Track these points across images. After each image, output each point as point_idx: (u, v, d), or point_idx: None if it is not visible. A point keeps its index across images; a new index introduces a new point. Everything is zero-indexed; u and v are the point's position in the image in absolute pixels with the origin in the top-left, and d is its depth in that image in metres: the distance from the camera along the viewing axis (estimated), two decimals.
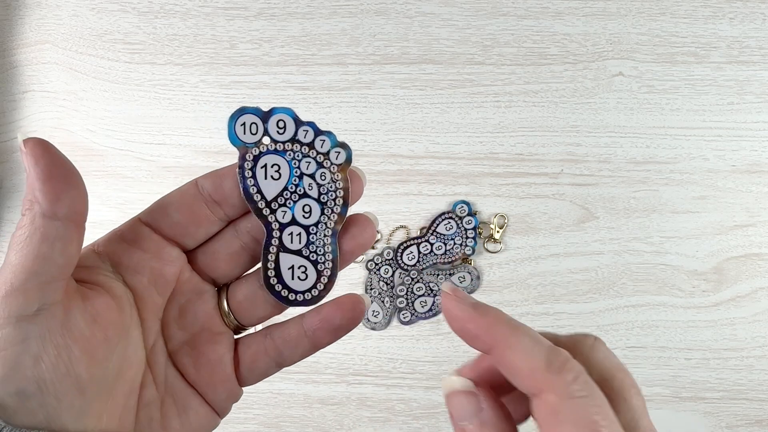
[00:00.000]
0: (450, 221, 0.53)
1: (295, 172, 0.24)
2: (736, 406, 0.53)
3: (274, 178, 0.24)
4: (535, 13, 0.55)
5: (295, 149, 0.24)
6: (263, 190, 0.24)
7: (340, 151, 0.24)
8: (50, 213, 0.21)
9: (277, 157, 0.24)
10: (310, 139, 0.24)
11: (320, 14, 0.55)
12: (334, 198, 0.24)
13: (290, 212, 0.24)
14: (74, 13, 0.57)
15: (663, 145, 0.54)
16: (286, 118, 0.24)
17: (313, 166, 0.24)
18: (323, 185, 0.24)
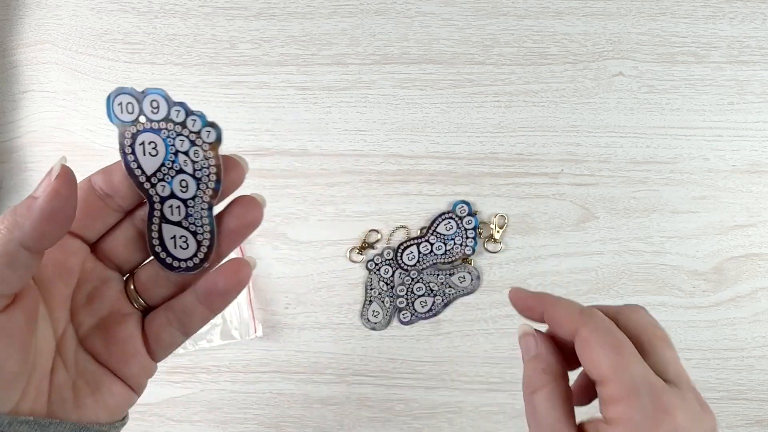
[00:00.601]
0: (450, 221, 0.53)
1: (171, 149, 0.26)
2: (736, 406, 0.53)
3: (151, 154, 0.26)
4: (535, 13, 0.55)
5: (170, 128, 0.25)
6: (143, 165, 0.26)
7: (210, 130, 0.25)
8: (28, 245, 0.22)
9: (153, 135, 0.25)
10: (182, 119, 0.25)
11: (320, 14, 0.55)
12: (207, 174, 0.26)
13: (169, 186, 0.26)
14: (74, 13, 0.57)
15: (663, 145, 0.54)
16: (158, 98, 0.25)
17: (186, 143, 0.25)
18: (197, 162, 0.26)
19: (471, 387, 0.54)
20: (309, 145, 0.55)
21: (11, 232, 0.22)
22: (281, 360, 0.55)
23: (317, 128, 0.55)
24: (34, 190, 0.23)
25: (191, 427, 0.55)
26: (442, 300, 0.49)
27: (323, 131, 0.55)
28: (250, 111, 0.55)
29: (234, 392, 0.55)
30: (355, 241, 0.55)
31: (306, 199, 0.55)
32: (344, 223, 0.55)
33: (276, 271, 0.55)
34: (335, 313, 0.55)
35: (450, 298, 0.53)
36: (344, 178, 0.55)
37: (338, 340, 0.55)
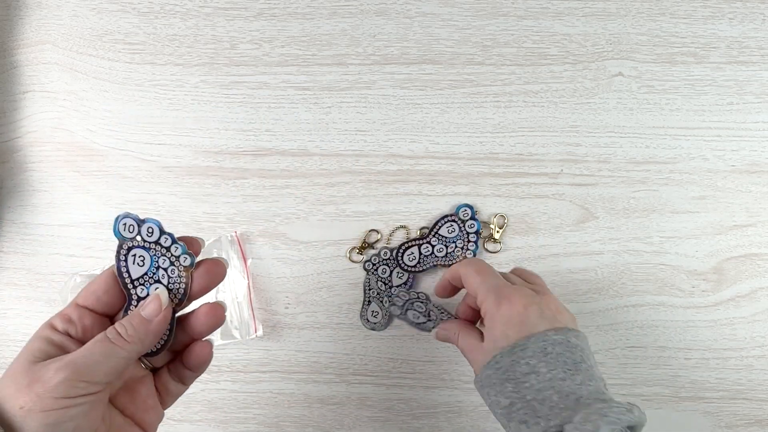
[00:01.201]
0: (452, 224, 0.53)
1: (155, 264, 0.33)
2: (736, 406, 0.53)
3: (139, 265, 0.33)
4: (535, 14, 0.55)
5: (157, 248, 0.33)
6: (131, 272, 0.34)
7: (187, 257, 0.33)
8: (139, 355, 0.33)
9: (143, 251, 0.33)
10: (168, 244, 0.33)
11: (320, 14, 0.55)
12: (178, 288, 0.33)
13: (147, 290, 0.34)
14: (74, 14, 0.57)
15: (663, 145, 0.54)
16: (154, 227, 0.33)
17: (167, 262, 0.33)
18: (172, 278, 0.33)
19: (471, 387, 0.54)
20: (309, 145, 0.55)
21: (133, 345, 0.31)
22: (281, 360, 0.55)
23: (317, 128, 0.55)
24: (143, 308, 0.32)
25: (192, 426, 0.56)
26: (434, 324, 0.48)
27: (323, 131, 0.55)
28: (251, 111, 0.55)
29: (234, 392, 0.55)
30: (355, 241, 0.55)
31: (306, 199, 0.55)
32: (344, 223, 0.55)
33: (276, 271, 0.55)
34: (335, 313, 0.55)
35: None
36: (344, 178, 0.55)
37: (338, 340, 0.55)
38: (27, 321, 0.57)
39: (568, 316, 0.40)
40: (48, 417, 0.28)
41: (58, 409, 0.28)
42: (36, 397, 0.28)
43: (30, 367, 0.29)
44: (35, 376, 0.29)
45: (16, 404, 0.28)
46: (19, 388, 0.28)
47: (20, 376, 0.29)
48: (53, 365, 0.29)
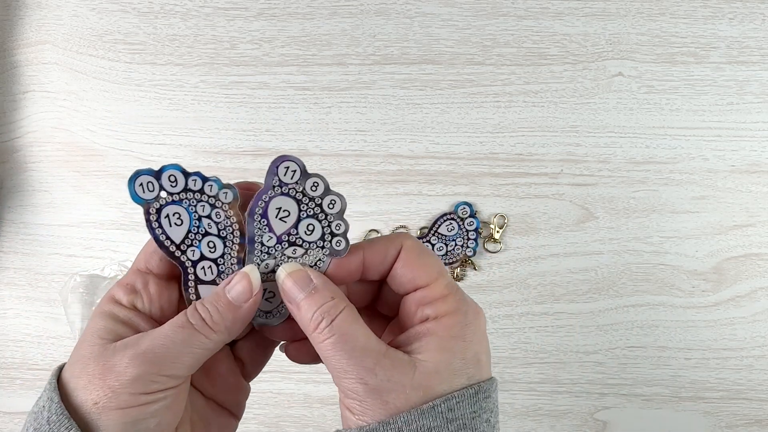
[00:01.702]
0: (452, 222, 0.53)
1: (194, 216, 0.28)
2: (736, 406, 0.53)
3: (177, 224, 0.28)
4: (535, 14, 0.55)
5: (189, 197, 0.28)
6: (171, 236, 0.28)
7: (227, 191, 0.28)
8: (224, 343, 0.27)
9: (175, 207, 0.28)
10: (199, 187, 0.28)
11: (320, 14, 0.55)
12: (231, 231, 0.28)
13: (198, 250, 0.28)
14: (74, 14, 0.57)
15: (663, 145, 0.54)
16: (175, 173, 0.28)
17: (207, 208, 0.28)
18: (220, 222, 0.28)
19: None
20: (309, 145, 0.55)
21: (220, 334, 0.26)
22: (281, 360, 0.55)
23: (317, 128, 0.55)
24: (230, 289, 0.27)
25: None
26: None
27: (323, 131, 0.55)
28: (251, 111, 0.55)
29: None
30: (355, 241, 0.55)
31: None
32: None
33: None
34: None
35: None
36: (344, 178, 0.55)
37: None
38: (27, 321, 0.57)
39: None
40: (126, 415, 0.24)
41: (136, 406, 0.24)
42: (111, 392, 0.24)
43: (101, 353, 0.25)
44: (108, 364, 0.24)
45: (89, 398, 0.24)
46: (91, 380, 0.24)
47: (91, 363, 0.25)
48: (127, 353, 0.24)
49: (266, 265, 0.28)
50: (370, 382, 0.24)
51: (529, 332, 0.54)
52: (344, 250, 0.28)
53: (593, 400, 0.54)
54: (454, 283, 0.28)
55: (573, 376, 0.54)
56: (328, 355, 0.25)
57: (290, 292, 0.26)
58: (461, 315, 0.26)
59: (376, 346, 0.25)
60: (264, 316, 0.29)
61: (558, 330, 0.54)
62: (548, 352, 0.54)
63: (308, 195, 0.28)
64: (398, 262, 0.28)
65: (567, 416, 0.54)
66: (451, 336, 0.25)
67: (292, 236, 0.28)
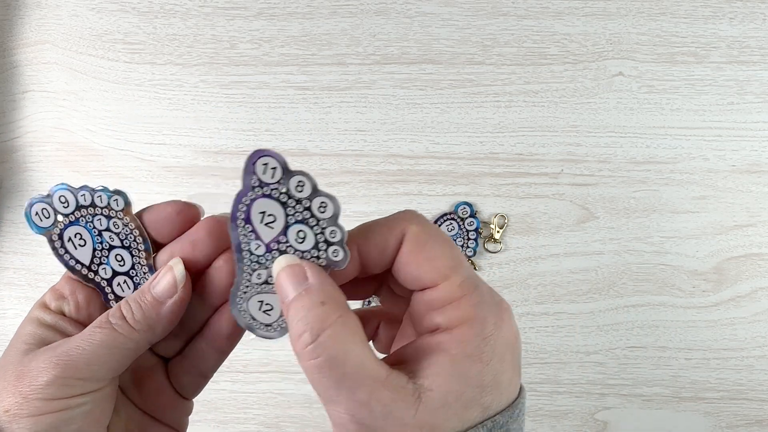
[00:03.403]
0: (452, 222, 0.53)
1: (94, 233, 0.27)
2: (736, 406, 0.53)
3: (81, 245, 0.27)
4: (535, 13, 0.55)
5: (84, 214, 0.26)
6: (79, 258, 0.27)
7: (117, 198, 0.26)
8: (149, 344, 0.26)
9: (74, 228, 0.27)
10: (89, 201, 0.26)
11: (320, 14, 0.55)
12: (134, 239, 0.27)
13: (108, 267, 0.27)
14: (74, 13, 0.57)
15: (663, 145, 0.54)
16: (63, 193, 0.26)
17: (104, 221, 0.27)
18: (120, 232, 0.27)
19: None
20: (309, 145, 0.55)
21: (142, 333, 0.25)
22: (281, 360, 0.55)
23: (317, 128, 0.55)
24: (155, 285, 0.25)
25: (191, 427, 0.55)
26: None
27: (323, 131, 0.55)
28: (250, 111, 0.55)
29: (234, 392, 0.55)
30: None
31: None
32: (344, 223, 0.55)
33: None
34: None
35: None
36: (344, 178, 0.55)
37: None
38: None
39: None
40: (39, 422, 0.23)
41: (50, 412, 0.23)
42: (22, 398, 0.23)
43: (20, 359, 0.24)
44: (23, 370, 0.23)
45: (1, 406, 0.23)
46: (5, 386, 0.23)
47: (9, 369, 0.24)
48: (42, 357, 0.23)
49: (258, 276, 0.25)
50: (364, 418, 0.20)
51: (530, 332, 0.54)
52: (344, 261, 0.24)
53: (593, 401, 0.54)
54: (471, 278, 0.22)
55: (573, 377, 0.54)
56: (313, 379, 0.21)
57: (281, 290, 0.22)
58: (478, 325, 0.21)
59: (373, 372, 0.20)
60: (264, 328, 0.28)
61: (558, 330, 0.54)
62: (548, 352, 0.54)
63: (294, 197, 0.24)
64: (400, 254, 0.23)
65: (567, 416, 0.54)
66: (466, 355, 0.20)
67: (281, 244, 0.24)
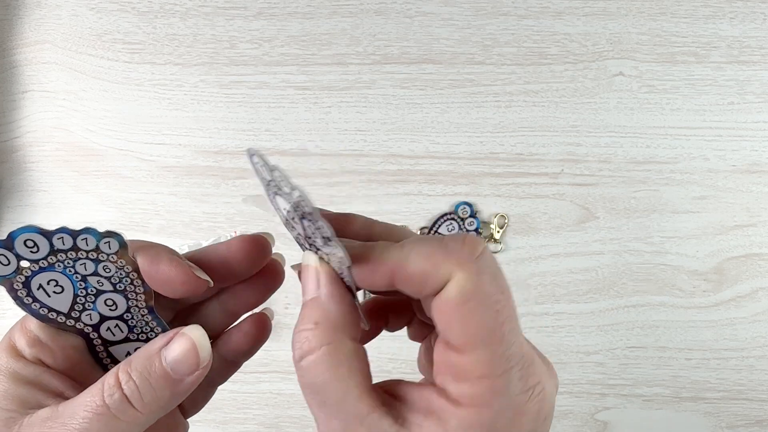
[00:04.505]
0: (452, 222, 0.53)
1: (76, 278, 0.23)
2: (737, 407, 0.53)
3: (57, 292, 0.23)
4: (535, 13, 0.54)
5: (62, 258, 0.22)
6: (54, 306, 0.23)
7: (108, 241, 0.22)
8: None
9: (47, 274, 0.22)
10: (70, 244, 0.22)
11: (320, 14, 0.55)
12: (130, 282, 0.23)
13: (95, 312, 0.23)
14: (74, 13, 0.57)
15: (663, 145, 0.54)
16: (32, 236, 0.21)
17: (90, 265, 0.22)
18: (112, 276, 0.23)
19: None
20: (309, 145, 0.55)
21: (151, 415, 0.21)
22: (281, 360, 0.55)
23: (317, 128, 0.55)
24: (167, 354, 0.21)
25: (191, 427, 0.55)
26: None
27: (323, 131, 0.55)
28: (250, 111, 0.55)
29: (234, 392, 0.55)
30: None
31: None
32: None
33: None
34: None
35: None
36: (344, 178, 0.55)
37: None
38: None
39: None
40: None
41: None
42: None
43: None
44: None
45: None
46: None
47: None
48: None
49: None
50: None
51: (530, 332, 0.54)
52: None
53: (594, 401, 0.54)
54: (504, 358, 0.18)
55: (573, 377, 0.54)
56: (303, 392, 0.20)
57: (302, 286, 0.21)
58: (488, 414, 0.18)
59: (352, 408, 0.19)
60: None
61: (558, 330, 0.54)
62: (548, 352, 0.54)
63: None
64: (436, 300, 0.19)
65: (567, 417, 0.54)
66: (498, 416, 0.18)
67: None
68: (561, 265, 0.54)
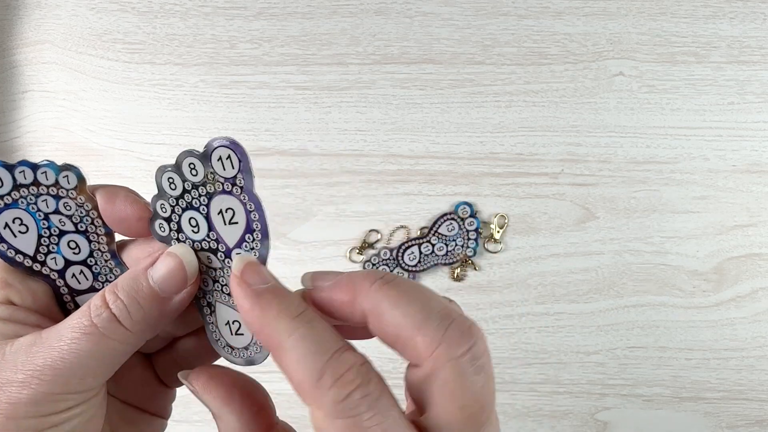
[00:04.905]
0: (452, 222, 0.53)
1: (39, 216, 0.22)
2: (737, 407, 0.53)
3: (22, 232, 0.22)
4: (535, 13, 0.54)
5: (24, 194, 0.21)
6: (20, 248, 0.22)
7: (67, 174, 0.22)
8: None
9: (11, 211, 0.21)
10: (31, 179, 0.21)
11: (320, 14, 0.55)
12: (91, 222, 0.22)
13: (59, 256, 0.22)
14: (74, 13, 0.57)
15: (663, 145, 0.54)
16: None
17: (51, 201, 0.22)
18: (73, 215, 0.22)
19: None
20: (309, 145, 0.55)
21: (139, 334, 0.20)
22: None
23: (317, 128, 0.55)
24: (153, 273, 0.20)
25: (191, 427, 0.55)
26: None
27: (323, 131, 0.55)
28: (250, 111, 0.55)
29: None
30: (355, 241, 0.55)
31: (306, 199, 0.55)
32: (344, 223, 0.55)
33: (276, 271, 0.55)
34: None
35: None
36: (344, 178, 0.55)
37: None
38: None
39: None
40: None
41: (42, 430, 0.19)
42: (4, 419, 0.19)
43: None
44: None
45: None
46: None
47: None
48: (18, 366, 0.19)
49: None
50: None
51: (530, 332, 0.54)
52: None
53: (594, 401, 0.54)
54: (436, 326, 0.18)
55: (573, 377, 0.54)
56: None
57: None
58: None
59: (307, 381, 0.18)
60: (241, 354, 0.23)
61: (558, 330, 0.54)
62: (549, 352, 0.54)
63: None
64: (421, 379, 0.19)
65: (567, 417, 0.54)
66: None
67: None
68: (561, 265, 0.54)
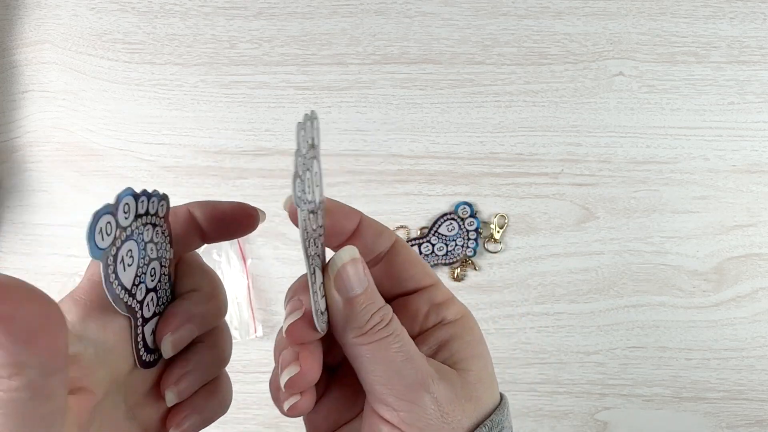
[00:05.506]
0: (452, 222, 0.53)
1: (141, 246, 0.21)
2: (737, 407, 0.53)
3: (129, 264, 0.21)
4: (535, 13, 0.54)
5: (138, 224, 0.21)
6: (124, 282, 0.21)
7: (163, 203, 0.22)
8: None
9: (128, 244, 0.21)
10: (145, 208, 0.21)
11: (320, 14, 0.55)
12: (165, 247, 0.22)
13: (144, 285, 0.22)
14: (74, 13, 0.57)
15: (663, 145, 0.54)
16: (128, 201, 0.20)
17: (150, 230, 0.21)
18: (159, 242, 0.22)
19: None
20: None
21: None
22: None
23: None
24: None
25: None
26: None
27: (323, 131, 0.55)
28: (250, 111, 0.55)
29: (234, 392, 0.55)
30: None
31: None
32: None
33: (276, 272, 0.55)
34: None
35: None
36: (344, 178, 0.55)
37: None
38: None
39: None
40: None
41: None
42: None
43: None
44: None
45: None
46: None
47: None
48: None
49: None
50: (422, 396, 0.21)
51: (530, 332, 0.54)
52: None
53: (594, 401, 0.54)
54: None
55: (573, 377, 0.54)
56: (379, 357, 0.21)
57: (351, 282, 0.21)
58: (471, 317, 0.24)
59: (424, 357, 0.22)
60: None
61: (558, 330, 0.54)
62: (549, 352, 0.54)
63: None
64: (397, 255, 0.24)
65: (567, 417, 0.54)
66: (476, 340, 0.23)
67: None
68: (561, 265, 0.54)
